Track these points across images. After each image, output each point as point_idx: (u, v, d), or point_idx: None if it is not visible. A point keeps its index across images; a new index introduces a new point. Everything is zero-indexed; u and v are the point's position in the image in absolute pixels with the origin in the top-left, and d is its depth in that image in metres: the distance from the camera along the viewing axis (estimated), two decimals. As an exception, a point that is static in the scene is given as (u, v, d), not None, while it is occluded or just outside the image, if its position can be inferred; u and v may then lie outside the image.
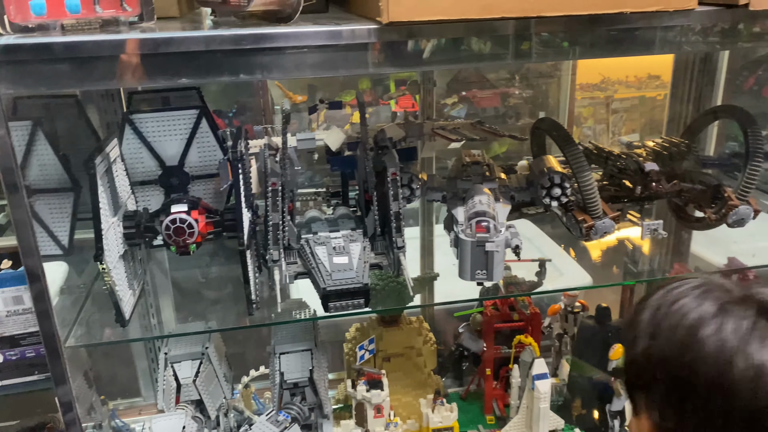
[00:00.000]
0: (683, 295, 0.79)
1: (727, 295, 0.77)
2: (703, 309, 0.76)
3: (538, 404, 1.61)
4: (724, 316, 0.75)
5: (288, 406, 1.35)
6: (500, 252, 1.23)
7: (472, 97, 3.74)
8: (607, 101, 4.12)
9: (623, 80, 4.08)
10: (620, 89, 4.05)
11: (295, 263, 1.24)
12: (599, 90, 4.06)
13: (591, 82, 4.03)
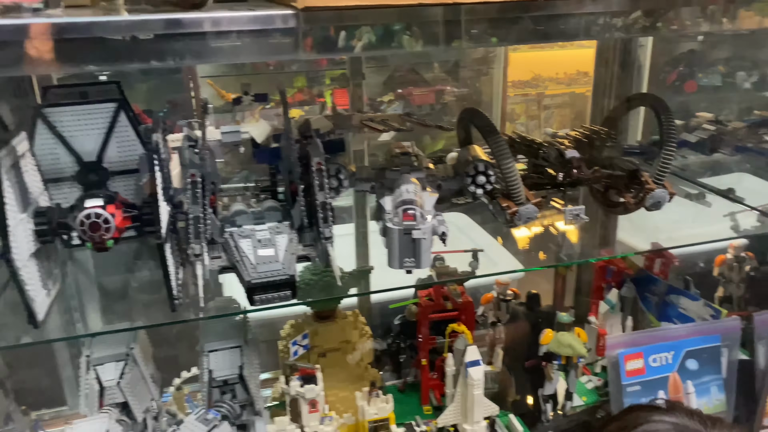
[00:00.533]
0: None
1: None
2: None
3: (471, 391, 1.63)
4: None
5: (218, 404, 1.32)
6: (427, 239, 1.24)
7: (407, 94, 3.78)
8: (538, 98, 4.23)
9: (554, 77, 4.20)
10: (551, 86, 4.17)
11: (219, 257, 1.21)
12: (531, 87, 4.17)
13: (523, 79, 4.13)
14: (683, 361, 1.60)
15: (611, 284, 2.02)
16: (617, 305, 1.96)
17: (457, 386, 1.70)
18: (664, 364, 1.59)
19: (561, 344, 1.68)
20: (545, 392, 1.75)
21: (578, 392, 1.92)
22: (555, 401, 1.78)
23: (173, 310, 1.15)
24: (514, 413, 1.80)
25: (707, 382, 1.62)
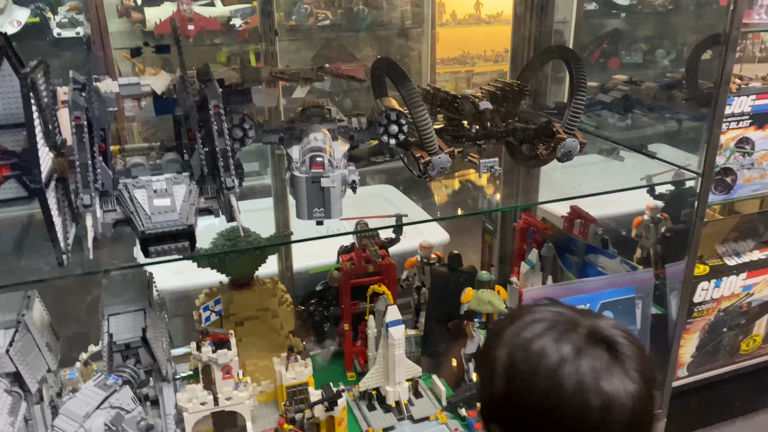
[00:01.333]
0: (538, 338, 0.83)
1: (575, 335, 0.82)
2: (558, 353, 0.81)
3: (393, 351, 1.60)
4: (578, 360, 0.80)
5: (120, 369, 1.24)
6: (337, 188, 1.20)
7: (336, 69, 3.71)
8: (468, 75, 4.24)
9: (481, 54, 4.22)
10: (479, 63, 4.18)
11: (113, 210, 1.13)
12: (459, 64, 4.17)
13: (451, 56, 4.13)
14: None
15: (532, 245, 2.04)
16: (537, 265, 1.98)
17: (379, 348, 1.67)
18: (581, 317, 1.60)
19: (481, 301, 1.68)
20: (467, 351, 1.75)
21: (502, 353, 1.92)
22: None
23: (60, 265, 1.07)
24: (437, 375, 1.79)
25: (622, 333, 1.64)
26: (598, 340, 0.82)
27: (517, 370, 0.83)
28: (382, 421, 1.64)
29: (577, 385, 0.78)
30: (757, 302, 1.92)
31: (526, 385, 0.81)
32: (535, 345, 0.82)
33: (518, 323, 0.87)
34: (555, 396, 0.79)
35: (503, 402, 0.85)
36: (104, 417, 1.16)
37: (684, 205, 1.91)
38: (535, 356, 0.82)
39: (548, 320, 0.85)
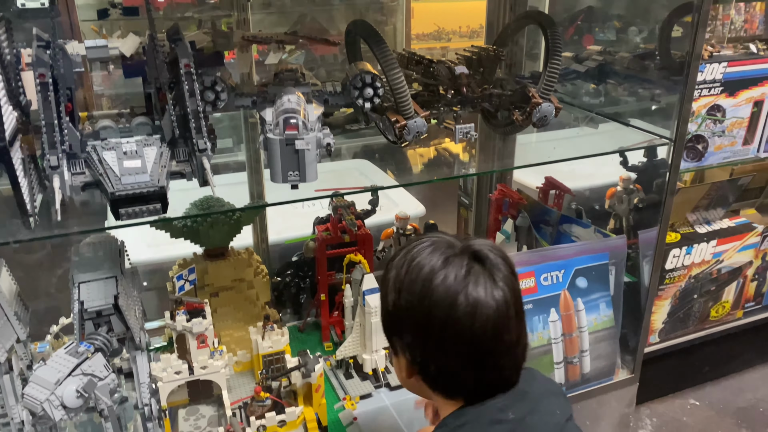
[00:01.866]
0: (418, 254, 0.95)
1: (450, 250, 0.94)
2: (432, 263, 0.92)
3: (369, 319, 1.60)
4: (448, 267, 0.91)
5: (92, 337, 1.22)
6: (311, 151, 1.18)
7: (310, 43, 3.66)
8: (443, 52, 4.22)
9: (456, 30, 4.20)
10: (454, 39, 4.17)
11: (82, 173, 1.10)
12: (434, 40, 4.15)
13: (426, 32, 4.10)
14: (573, 280, 1.64)
15: (507, 216, 2.05)
16: (512, 235, 1.99)
17: (356, 317, 1.67)
18: (555, 283, 1.62)
19: (457, 270, 1.68)
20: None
21: (478, 322, 1.94)
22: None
23: (27, 227, 1.04)
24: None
25: (596, 299, 1.67)
26: (470, 254, 0.93)
27: (402, 282, 0.94)
28: (360, 389, 1.64)
29: (446, 290, 0.90)
30: (726, 269, 1.96)
31: (408, 294, 0.93)
32: (416, 260, 0.94)
33: (406, 248, 0.99)
34: (430, 300, 0.90)
35: (394, 313, 0.97)
36: (76, 384, 1.14)
37: (656, 176, 1.93)
38: (415, 269, 0.93)
39: (430, 242, 0.96)
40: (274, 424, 1.37)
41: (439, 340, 0.92)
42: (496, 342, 0.92)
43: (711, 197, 1.91)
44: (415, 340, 0.95)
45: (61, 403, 1.13)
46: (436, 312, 0.90)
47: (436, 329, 0.91)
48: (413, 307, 0.93)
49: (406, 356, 0.97)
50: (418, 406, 1.49)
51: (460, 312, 0.89)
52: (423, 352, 0.95)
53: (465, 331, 0.90)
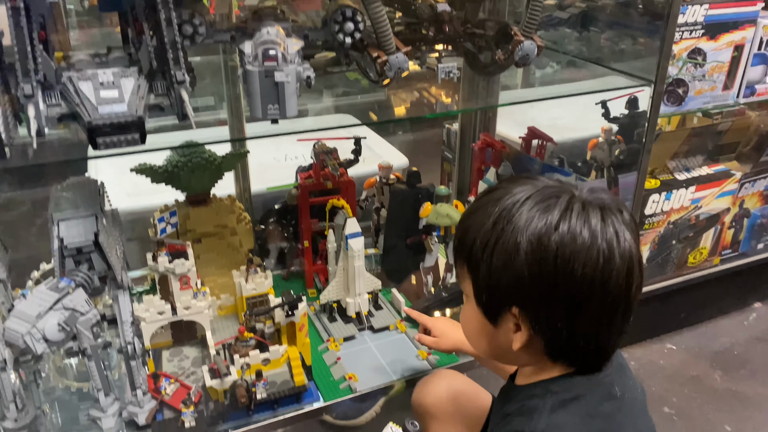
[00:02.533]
0: (538, 210, 0.82)
1: (571, 201, 0.82)
2: (570, 221, 0.80)
3: (353, 263, 1.61)
4: (585, 221, 0.81)
5: (73, 273, 1.21)
6: (291, 83, 1.17)
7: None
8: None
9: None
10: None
11: (58, 105, 1.09)
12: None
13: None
14: (554, 223, 1.66)
15: (489, 166, 2.05)
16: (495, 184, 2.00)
17: (339, 261, 1.67)
18: (537, 226, 1.63)
19: (439, 215, 1.70)
20: (426, 265, 1.77)
21: (460, 270, 1.96)
22: (436, 273, 1.80)
23: (2, 156, 1.03)
24: (396, 289, 1.81)
25: (576, 242, 1.69)
26: (598, 207, 0.83)
27: (534, 248, 0.80)
28: (343, 331, 1.66)
29: (596, 247, 0.80)
30: (704, 215, 1.99)
31: (550, 259, 0.80)
32: (545, 221, 0.81)
33: (513, 204, 0.84)
34: (583, 261, 0.79)
35: (525, 284, 0.82)
36: (57, 318, 1.14)
37: (638, 128, 1.95)
38: (546, 228, 0.81)
39: (539, 196, 0.84)
40: (259, 362, 1.38)
41: (598, 310, 0.82)
42: (631, 298, 0.83)
43: (691, 143, 1.93)
44: (559, 311, 0.82)
45: (43, 336, 1.13)
46: (596, 279, 0.80)
47: (596, 298, 0.81)
48: (565, 275, 0.80)
49: (533, 326, 0.84)
50: (420, 337, 1.49)
51: (617, 275, 0.80)
52: (567, 323, 0.83)
53: (622, 293, 0.82)
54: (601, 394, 0.86)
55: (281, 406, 1.41)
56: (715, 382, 1.94)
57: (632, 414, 0.88)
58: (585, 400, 0.85)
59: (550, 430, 0.82)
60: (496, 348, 0.92)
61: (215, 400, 1.39)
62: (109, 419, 1.36)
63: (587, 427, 0.83)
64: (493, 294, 0.87)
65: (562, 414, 0.84)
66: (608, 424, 0.84)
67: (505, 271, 0.83)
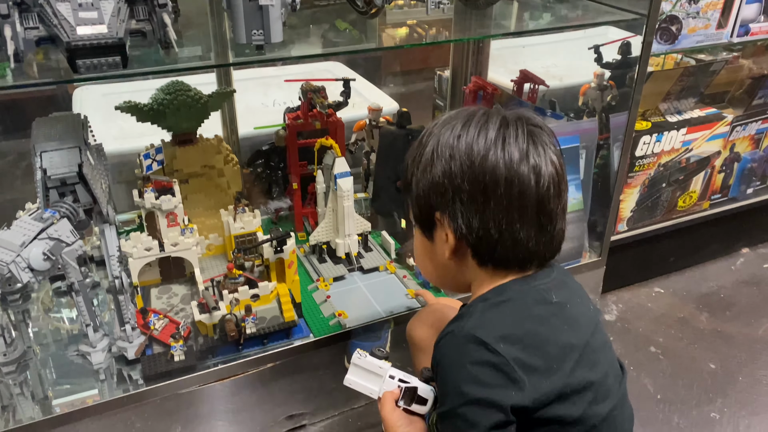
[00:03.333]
0: (464, 121, 0.91)
1: (495, 117, 0.91)
2: (488, 129, 0.89)
3: (342, 203, 1.60)
4: (505, 130, 0.89)
5: (57, 204, 1.20)
6: (276, 7, 1.14)
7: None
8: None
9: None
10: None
11: (36, 28, 1.06)
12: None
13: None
14: (544, 162, 1.65)
15: (481, 109, 2.03)
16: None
17: (328, 202, 1.66)
18: (527, 164, 1.63)
19: (429, 155, 1.68)
20: (416, 206, 1.76)
21: (450, 214, 1.95)
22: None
23: (-20, 78, 1.00)
24: (386, 231, 1.81)
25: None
26: (516, 119, 0.91)
27: (452, 149, 0.90)
28: (333, 272, 1.66)
29: (510, 154, 0.88)
30: (695, 158, 1.99)
31: (467, 159, 0.88)
32: (466, 127, 0.90)
33: (440, 120, 0.95)
34: (493, 164, 0.87)
35: (442, 184, 0.90)
36: (42, 247, 1.13)
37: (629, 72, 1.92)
38: (469, 135, 0.89)
39: (468, 113, 0.93)
40: (248, 298, 1.38)
41: (505, 202, 0.87)
42: (556, 204, 0.89)
43: (683, 84, 1.91)
44: (473, 207, 0.89)
45: (28, 266, 1.12)
46: (501, 172, 0.86)
47: (501, 191, 0.87)
48: (474, 171, 0.87)
49: (457, 228, 0.91)
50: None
51: (524, 172, 0.86)
52: (482, 217, 0.89)
53: (530, 191, 0.87)
54: (534, 298, 0.91)
55: (271, 341, 1.42)
56: (701, 323, 1.96)
57: (573, 324, 0.90)
58: (515, 303, 0.90)
59: (478, 326, 0.86)
60: (439, 268, 1.00)
61: (204, 335, 1.39)
62: (98, 354, 1.37)
63: (517, 325, 0.87)
64: (420, 206, 0.95)
65: (492, 313, 0.89)
66: (539, 324, 0.88)
67: (424, 177, 0.92)
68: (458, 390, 0.84)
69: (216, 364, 1.37)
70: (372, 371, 0.99)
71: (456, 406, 0.84)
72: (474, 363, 0.83)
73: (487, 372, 0.82)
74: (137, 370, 1.36)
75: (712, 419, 1.62)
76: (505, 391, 0.82)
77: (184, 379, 1.34)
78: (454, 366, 0.86)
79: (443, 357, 0.89)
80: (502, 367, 0.82)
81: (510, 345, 0.83)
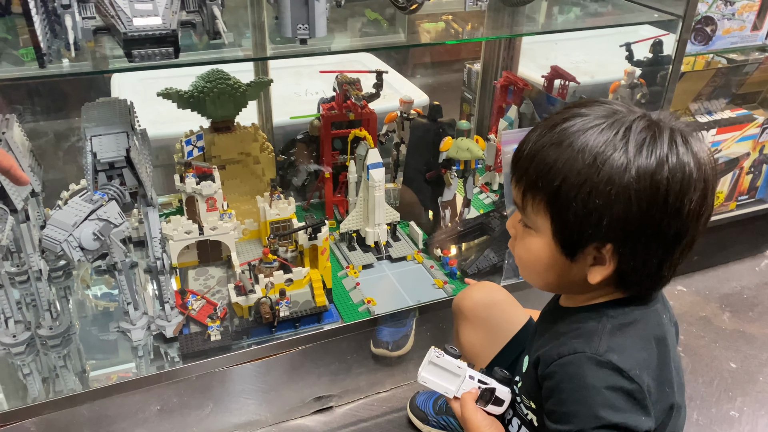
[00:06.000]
0: (625, 143, 0.80)
1: (655, 133, 0.81)
2: (658, 151, 0.80)
3: (373, 193, 1.64)
4: (672, 150, 0.80)
5: (105, 186, 1.25)
6: (321, 2, 1.18)
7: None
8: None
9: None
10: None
11: (93, 18, 1.11)
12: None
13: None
14: (574, 159, 1.67)
15: (511, 105, 2.05)
16: (516, 121, 2.01)
17: (359, 191, 1.71)
18: (556, 161, 1.65)
19: (460, 149, 1.71)
20: (444, 199, 1.79)
21: (476, 207, 1.99)
22: (453, 208, 1.83)
23: (42, 66, 1.05)
24: (414, 222, 1.84)
25: (595, 179, 1.70)
26: (669, 131, 0.82)
27: (629, 188, 0.79)
28: (362, 260, 1.70)
29: (681, 178, 0.79)
30: (723, 159, 1.99)
31: (646, 198, 0.79)
32: (640, 156, 0.80)
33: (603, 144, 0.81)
34: (672, 194, 0.79)
35: (627, 220, 0.80)
36: (93, 227, 1.18)
37: (661, 71, 1.93)
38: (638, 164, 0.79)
39: (621, 126, 0.82)
40: (282, 282, 1.43)
41: (671, 240, 0.82)
42: (700, 228, 0.84)
43: (714, 85, 1.91)
44: (642, 241, 0.82)
45: (79, 245, 1.18)
46: (678, 209, 0.79)
47: (673, 232, 0.81)
48: (654, 205, 0.79)
49: (616, 262, 0.84)
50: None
51: (695, 197, 0.80)
52: (645, 253, 0.83)
53: (694, 225, 0.82)
54: (654, 321, 0.89)
55: (303, 325, 1.47)
56: (723, 323, 1.98)
57: (674, 344, 0.91)
58: (640, 326, 0.87)
59: (612, 351, 0.84)
60: (565, 280, 0.91)
61: (240, 317, 1.44)
62: (138, 331, 1.43)
63: (647, 351, 0.86)
64: (583, 231, 0.83)
65: (621, 337, 0.86)
66: (661, 349, 0.87)
67: (606, 209, 0.81)
68: (593, 413, 0.82)
69: (250, 345, 1.42)
70: (450, 370, 0.99)
71: (588, 428, 0.83)
72: (610, 388, 0.82)
73: (621, 398, 0.82)
74: (174, 348, 1.42)
75: (732, 417, 1.65)
76: (638, 417, 0.82)
77: (219, 359, 1.40)
78: (587, 389, 0.84)
79: (573, 377, 0.85)
80: (636, 394, 0.82)
81: (643, 372, 0.83)
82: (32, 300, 1.44)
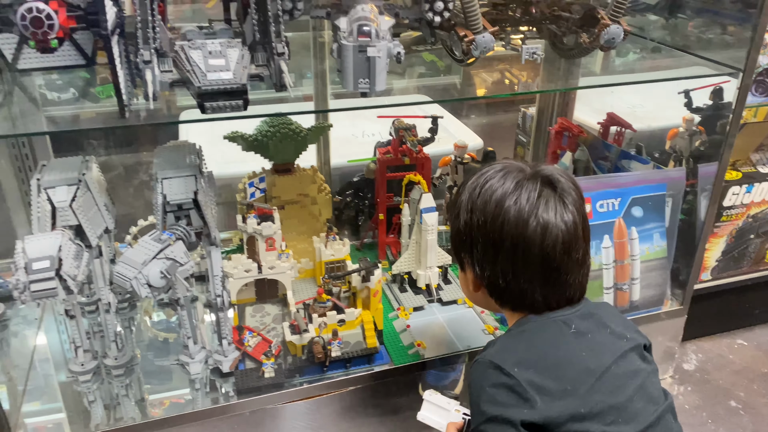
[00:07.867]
0: (491, 177, 1.04)
1: (521, 174, 1.03)
2: (505, 186, 1.01)
3: (426, 236, 1.67)
4: (520, 190, 1.00)
5: (173, 227, 1.32)
6: (382, 59, 1.23)
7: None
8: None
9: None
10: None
11: (170, 71, 1.19)
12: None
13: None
14: (629, 208, 1.67)
15: (565, 150, 2.06)
16: (570, 168, 2.01)
17: (412, 234, 1.74)
18: (611, 210, 1.65)
19: (514, 194, 1.72)
20: (497, 243, 1.80)
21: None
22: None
23: (123, 116, 1.14)
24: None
25: (650, 229, 1.69)
26: (541, 178, 1.02)
27: (474, 203, 1.03)
28: (413, 302, 1.73)
29: (518, 211, 0.98)
30: (786, 211, 1.94)
31: (481, 215, 1.02)
32: (488, 183, 1.03)
33: (479, 173, 1.07)
34: (502, 220, 0.99)
35: (465, 232, 1.05)
36: (160, 266, 1.25)
37: (721, 119, 1.91)
38: (488, 191, 1.02)
39: (501, 166, 1.06)
40: (335, 322, 1.46)
41: (510, 257, 1.00)
42: (564, 260, 0.99)
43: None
44: (485, 257, 1.03)
45: (147, 282, 1.25)
46: (508, 231, 0.99)
47: (507, 247, 0.99)
48: (485, 226, 1.01)
49: (475, 271, 1.07)
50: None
51: (530, 232, 0.97)
52: (493, 268, 1.03)
53: (535, 249, 0.98)
54: (552, 328, 1.01)
55: (353, 366, 1.49)
56: (787, 381, 1.90)
57: (592, 351, 0.98)
58: (532, 332, 1.01)
59: (498, 353, 0.99)
60: (474, 296, 1.13)
61: (293, 355, 1.48)
62: (196, 365, 1.48)
63: (531, 351, 0.98)
64: (453, 243, 1.12)
65: (510, 341, 1.02)
66: (554, 350, 0.98)
67: (454, 223, 1.09)
68: (479, 409, 0.95)
69: (302, 383, 1.46)
70: (441, 406, 1.12)
71: (478, 423, 0.95)
72: (492, 385, 0.95)
73: (502, 393, 0.93)
74: (230, 383, 1.47)
75: (795, 482, 1.58)
76: (518, 409, 0.91)
77: (273, 395, 1.44)
78: (477, 389, 0.97)
79: (472, 382, 1.00)
80: (515, 388, 0.92)
81: (524, 369, 0.94)
82: (99, 330, 1.52)
